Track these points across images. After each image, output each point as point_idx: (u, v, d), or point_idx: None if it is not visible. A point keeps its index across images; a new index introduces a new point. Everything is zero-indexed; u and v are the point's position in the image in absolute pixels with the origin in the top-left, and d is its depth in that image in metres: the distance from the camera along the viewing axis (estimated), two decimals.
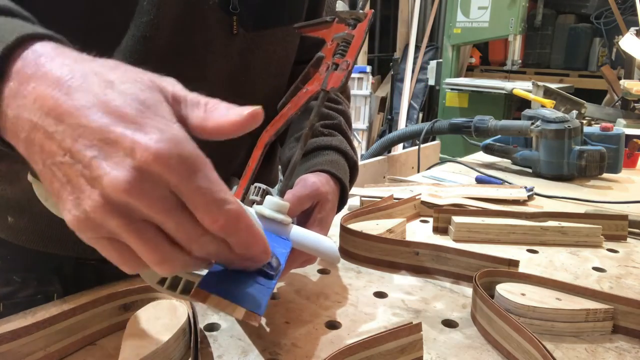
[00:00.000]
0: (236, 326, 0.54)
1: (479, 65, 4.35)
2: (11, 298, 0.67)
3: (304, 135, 0.51)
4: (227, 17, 0.62)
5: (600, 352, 0.52)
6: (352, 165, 0.68)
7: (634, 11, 2.81)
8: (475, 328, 0.56)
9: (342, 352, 0.44)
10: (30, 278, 0.67)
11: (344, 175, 0.64)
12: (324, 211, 0.58)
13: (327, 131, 0.70)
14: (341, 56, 0.51)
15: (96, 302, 0.52)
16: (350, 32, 0.52)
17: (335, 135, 0.70)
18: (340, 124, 0.72)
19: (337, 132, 0.71)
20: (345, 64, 0.50)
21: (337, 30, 0.54)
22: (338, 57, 0.51)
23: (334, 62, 0.51)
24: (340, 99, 0.78)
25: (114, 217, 0.29)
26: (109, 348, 0.50)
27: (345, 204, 0.66)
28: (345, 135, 0.72)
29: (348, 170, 0.67)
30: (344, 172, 0.65)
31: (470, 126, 1.38)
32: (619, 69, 3.23)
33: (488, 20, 3.47)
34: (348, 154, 0.68)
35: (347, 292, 0.63)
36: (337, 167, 0.64)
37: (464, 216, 0.84)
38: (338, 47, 0.52)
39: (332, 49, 0.52)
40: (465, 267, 0.67)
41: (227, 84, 0.64)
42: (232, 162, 0.71)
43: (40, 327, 0.47)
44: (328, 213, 0.59)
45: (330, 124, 0.71)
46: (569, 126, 1.20)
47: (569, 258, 0.76)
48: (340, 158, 0.66)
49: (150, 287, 0.52)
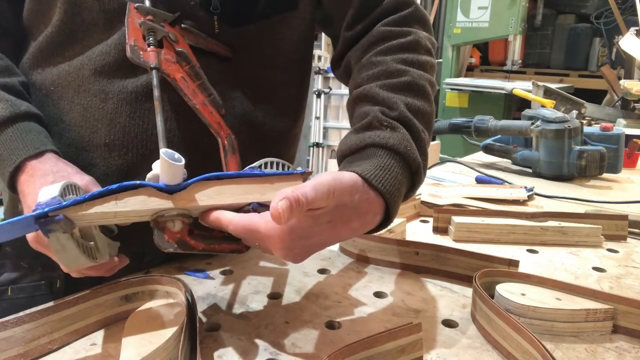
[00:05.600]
0: (236, 326, 0.54)
1: (479, 65, 4.35)
2: (18, 283, 0.70)
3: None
4: (209, 17, 0.64)
5: (600, 352, 0.52)
6: (414, 169, 0.55)
7: (634, 11, 2.81)
8: (475, 328, 0.56)
9: (342, 352, 0.44)
10: (36, 264, 0.70)
11: (390, 186, 0.51)
12: (309, 219, 0.46)
13: (386, 121, 0.56)
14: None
15: (98, 292, 0.53)
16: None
17: (395, 129, 0.55)
18: (401, 113, 0.56)
19: (399, 123, 0.56)
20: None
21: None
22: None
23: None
24: (405, 67, 0.61)
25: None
26: (109, 348, 0.50)
27: (387, 223, 0.53)
28: (410, 125, 0.56)
29: (404, 180, 0.54)
30: (392, 183, 0.51)
31: (470, 126, 1.38)
32: (619, 69, 3.23)
33: (488, 20, 3.47)
34: (409, 156, 0.54)
35: (347, 292, 0.63)
36: (384, 176, 0.51)
37: (464, 216, 0.84)
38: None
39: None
40: (465, 267, 0.66)
41: (214, 81, 0.64)
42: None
43: (44, 314, 0.49)
44: (319, 225, 0.47)
45: (390, 115, 0.57)
46: (569, 126, 1.20)
47: (569, 258, 0.76)
48: (395, 163, 0.53)
49: (151, 279, 0.56)
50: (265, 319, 0.56)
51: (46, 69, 0.66)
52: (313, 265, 0.70)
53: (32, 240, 0.54)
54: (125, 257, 0.56)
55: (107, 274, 0.54)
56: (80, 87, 0.64)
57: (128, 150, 0.64)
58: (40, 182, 0.54)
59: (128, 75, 0.63)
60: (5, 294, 0.70)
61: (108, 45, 0.63)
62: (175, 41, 0.62)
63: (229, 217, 0.48)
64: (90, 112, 0.64)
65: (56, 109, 0.65)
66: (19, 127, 0.58)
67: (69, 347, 0.50)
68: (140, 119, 0.63)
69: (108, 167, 0.64)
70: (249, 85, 0.69)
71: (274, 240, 0.46)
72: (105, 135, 0.64)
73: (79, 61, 0.64)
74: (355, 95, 0.63)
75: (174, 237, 0.48)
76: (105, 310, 0.54)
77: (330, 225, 0.47)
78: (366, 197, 0.49)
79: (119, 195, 0.46)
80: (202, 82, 0.63)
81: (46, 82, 0.66)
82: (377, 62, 0.63)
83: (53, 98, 0.65)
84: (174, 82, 0.60)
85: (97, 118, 0.64)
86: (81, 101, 0.64)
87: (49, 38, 0.64)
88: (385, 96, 0.59)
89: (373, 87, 0.60)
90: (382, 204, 0.51)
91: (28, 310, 0.49)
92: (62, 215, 0.44)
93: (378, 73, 0.62)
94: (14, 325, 0.47)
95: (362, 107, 0.60)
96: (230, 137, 0.63)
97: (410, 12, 0.68)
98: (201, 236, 0.50)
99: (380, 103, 0.59)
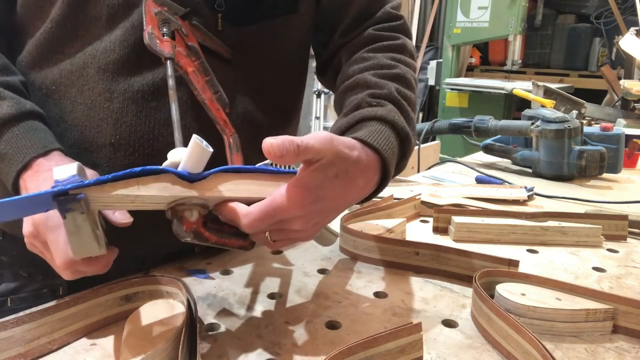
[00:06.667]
0: (236, 326, 0.54)
1: (479, 65, 4.35)
2: (18, 292, 0.69)
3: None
4: (212, 14, 0.64)
5: (600, 352, 0.52)
6: (403, 137, 0.59)
7: (634, 11, 2.81)
8: (475, 328, 0.56)
9: (342, 352, 0.44)
10: (36, 272, 0.69)
11: (385, 145, 0.55)
12: (318, 172, 0.48)
13: (375, 101, 0.61)
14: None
15: (98, 292, 0.53)
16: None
17: (384, 105, 0.61)
18: (390, 93, 0.62)
19: (388, 102, 0.61)
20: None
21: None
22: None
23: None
24: (395, 62, 0.68)
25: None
26: (109, 348, 0.50)
27: (387, 181, 0.57)
28: (398, 104, 0.62)
29: (396, 143, 0.58)
30: (385, 142, 0.56)
31: (470, 126, 1.38)
32: (619, 69, 3.23)
33: (488, 20, 3.47)
34: (397, 123, 0.59)
35: (347, 292, 0.63)
36: (378, 137, 0.55)
37: (464, 216, 0.84)
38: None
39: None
40: (465, 267, 0.66)
41: (217, 80, 0.64)
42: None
43: (44, 314, 0.49)
44: (328, 179, 0.49)
45: (379, 94, 0.62)
46: (569, 126, 1.20)
47: (569, 258, 0.76)
48: (386, 128, 0.57)
49: (151, 279, 0.56)
50: (265, 319, 0.56)
51: (46, 67, 0.64)
52: (313, 265, 0.70)
53: (28, 235, 0.52)
54: (115, 248, 0.53)
55: (103, 269, 0.52)
56: (84, 86, 0.62)
57: (134, 150, 0.63)
58: (44, 176, 0.53)
59: (133, 73, 0.62)
60: (5, 305, 0.68)
61: (112, 43, 0.61)
62: (186, 35, 0.61)
63: (244, 211, 0.48)
64: (95, 111, 0.62)
65: (58, 108, 0.64)
66: (26, 126, 0.57)
67: (69, 347, 0.50)
68: (147, 118, 0.62)
69: (112, 167, 0.63)
70: (250, 85, 0.69)
71: (293, 207, 0.47)
72: (110, 135, 0.62)
73: (82, 59, 0.62)
74: (346, 85, 0.67)
75: (190, 227, 0.47)
76: (105, 310, 0.54)
77: (339, 182, 0.50)
78: (364, 153, 0.53)
79: (141, 179, 0.45)
80: (211, 79, 0.62)
81: (47, 81, 0.64)
82: (368, 57, 0.69)
83: (54, 97, 0.64)
84: (185, 75, 0.60)
85: (102, 117, 0.62)
86: (85, 100, 0.62)
87: (48, 34, 0.63)
88: (376, 81, 0.64)
89: (365, 75, 0.66)
90: (379, 161, 0.55)
91: (28, 310, 0.49)
92: (84, 194, 0.42)
93: (369, 66, 0.67)
94: (14, 325, 0.47)
95: (352, 94, 0.65)
96: (234, 135, 0.63)
97: (400, 24, 0.74)
98: (214, 229, 0.49)
99: (371, 87, 0.64)
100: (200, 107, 0.62)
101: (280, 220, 0.49)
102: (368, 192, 0.56)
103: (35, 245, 0.53)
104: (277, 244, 0.53)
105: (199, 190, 0.47)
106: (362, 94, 0.63)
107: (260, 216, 0.47)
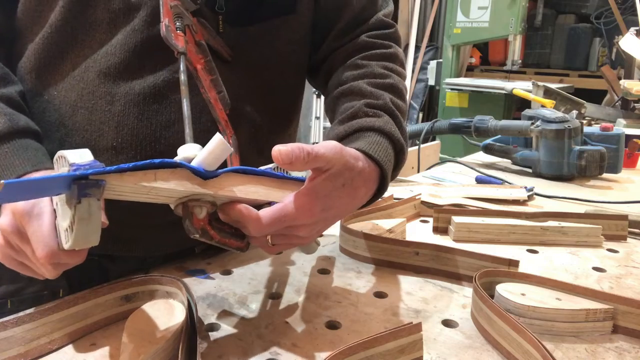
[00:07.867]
0: (236, 326, 0.55)
1: (479, 65, 4.35)
2: (19, 295, 0.69)
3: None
4: (213, 16, 0.64)
5: (600, 352, 0.52)
6: (398, 149, 0.62)
7: (634, 11, 2.81)
8: (475, 328, 0.56)
9: (342, 352, 0.44)
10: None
11: (384, 157, 0.58)
12: (328, 182, 0.50)
13: (371, 112, 0.63)
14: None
15: (98, 292, 0.53)
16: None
17: (380, 116, 0.63)
18: (386, 104, 0.64)
19: (384, 112, 0.64)
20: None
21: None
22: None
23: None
24: (388, 72, 0.70)
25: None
26: (109, 348, 0.50)
27: (383, 191, 0.60)
28: (393, 115, 0.64)
29: (393, 155, 0.61)
30: (384, 155, 0.58)
31: (470, 126, 1.38)
32: (619, 69, 3.23)
33: (488, 20, 3.47)
34: (393, 135, 0.61)
35: (347, 292, 0.63)
36: (378, 149, 0.58)
37: (464, 216, 0.84)
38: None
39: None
40: (465, 267, 0.67)
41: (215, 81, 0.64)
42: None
43: (44, 315, 0.49)
44: (337, 189, 0.51)
45: (375, 104, 0.64)
46: (569, 126, 1.20)
47: (569, 258, 0.76)
48: (384, 140, 0.60)
49: (151, 279, 0.56)
50: (265, 319, 0.56)
51: (45, 73, 0.64)
52: (313, 265, 0.70)
53: (5, 226, 0.49)
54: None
55: (82, 260, 0.49)
56: (84, 90, 0.62)
57: (137, 153, 0.62)
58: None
59: (134, 77, 0.62)
60: (5, 307, 0.68)
61: (113, 46, 0.61)
62: (196, 32, 0.61)
63: (254, 215, 0.48)
64: (96, 115, 0.62)
65: (58, 113, 0.63)
66: (17, 144, 0.56)
67: (69, 347, 0.50)
68: (148, 120, 0.62)
69: None
70: (249, 86, 0.69)
71: (303, 215, 0.49)
72: (112, 138, 0.62)
73: (82, 63, 0.62)
74: (340, 90, 0.69)
75: (198, 224, 0.47)
76: (105, 310, 0.53)
77: (345, 191, 0.52)
78: (367, 164, 0.56)
79: (159, 172, 0.44)
80: (216, 78, 0.62)
81: (47, 87, 0.64)
82: (362, 64, 0.71)
83: (55, 103, 0.64)
84: (194, 72, 0.59)
85: (103, 121, 0.62)
86: (85, 104, 0.62)
87: (47, 39, 0.63)
88: (371, 90, 0.66)
89: (360, 83, 0.67)
90: (378, 172, 0.58)
91: (28, 311, 0.49)
92: (104, 181, 0.41)
93: (363, 74, 0.69)
94: (14, 325, 0.47)
95: (347, 101, 0.66)
96: (234, 137, 0.63)
97: (392, 32, 0.76)
98: (217, 228, 0.49)
99: (367, 96, 0.65)
100: (202, 106, 0.62)
101: (288, 226, 0.49)
102: (366, 201, 0.58)
103: (9, 241, 0.50)
104: (275, 248, 0.53)
105: (212, 188, 0.47)
106: (358, 103, 0.64)
107: (270, 222, 0.48)
